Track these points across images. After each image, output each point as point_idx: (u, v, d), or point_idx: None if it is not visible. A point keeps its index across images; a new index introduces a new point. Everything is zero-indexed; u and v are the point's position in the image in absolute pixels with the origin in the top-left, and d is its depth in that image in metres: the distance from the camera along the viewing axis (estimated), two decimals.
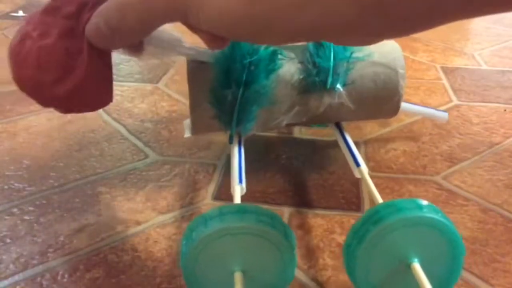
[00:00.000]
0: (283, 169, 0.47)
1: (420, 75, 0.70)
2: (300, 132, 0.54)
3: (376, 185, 0.44)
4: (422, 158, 0.49)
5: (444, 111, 0.52)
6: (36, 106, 0.59)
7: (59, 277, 0.34)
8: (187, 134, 0.42)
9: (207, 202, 0.42)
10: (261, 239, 0.28)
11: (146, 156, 0.49)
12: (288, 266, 0.30)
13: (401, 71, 0.42)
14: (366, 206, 0.42)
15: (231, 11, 0.23)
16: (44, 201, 0.42)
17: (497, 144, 0.52)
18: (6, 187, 0.44)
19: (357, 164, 0.38)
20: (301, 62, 0.40)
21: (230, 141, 0.40)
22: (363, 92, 0.42)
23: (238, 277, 0.28)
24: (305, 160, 0.48)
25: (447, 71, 0.72)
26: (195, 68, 0.39)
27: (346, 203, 0.42)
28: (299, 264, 0.35)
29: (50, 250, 0.37)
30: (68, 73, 0.29)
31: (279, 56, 0.39)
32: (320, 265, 0.35)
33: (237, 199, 0.34)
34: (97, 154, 0.49)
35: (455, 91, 0.65)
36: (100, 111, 0.56)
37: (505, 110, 0.60)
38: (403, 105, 0.46)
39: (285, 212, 0.41)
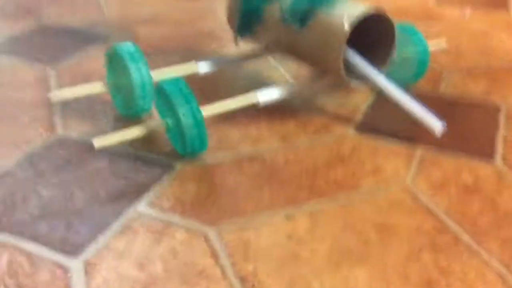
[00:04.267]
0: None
1: None
2: (446, 87, 0.54)
3: None
4: None
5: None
6: None
7: None
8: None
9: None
10: None
11: None
12: None
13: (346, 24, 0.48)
14: (499, 154, 0.40)
15: None
16: None
17: None
18: None
19: None
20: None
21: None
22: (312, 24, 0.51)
23: None
24: (447, 114, 0.47)
25: None
26: None
27: (479, 149, 0.40)
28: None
29: None
30: None
31: None
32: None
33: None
34: None
35: None
36: None
37: None
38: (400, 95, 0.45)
39: (418, 149, 0.39)
